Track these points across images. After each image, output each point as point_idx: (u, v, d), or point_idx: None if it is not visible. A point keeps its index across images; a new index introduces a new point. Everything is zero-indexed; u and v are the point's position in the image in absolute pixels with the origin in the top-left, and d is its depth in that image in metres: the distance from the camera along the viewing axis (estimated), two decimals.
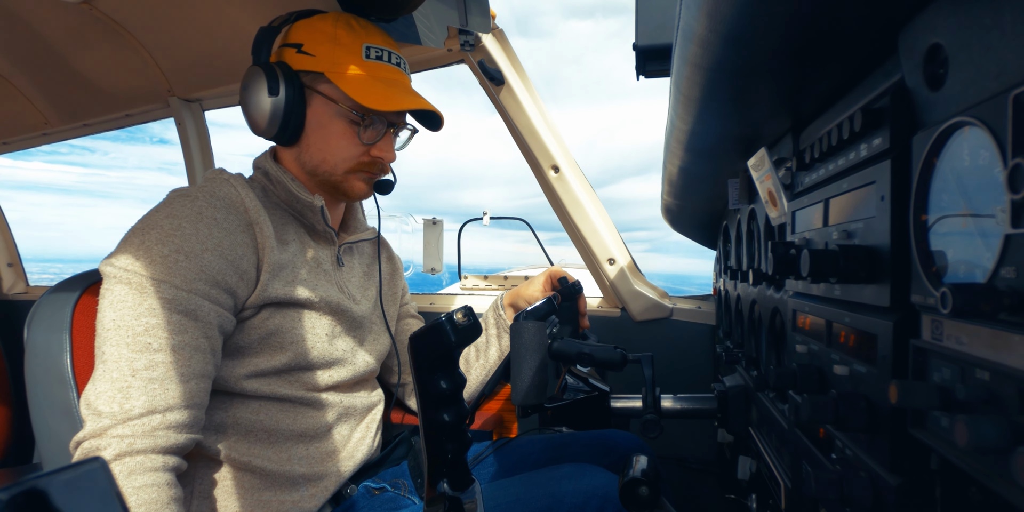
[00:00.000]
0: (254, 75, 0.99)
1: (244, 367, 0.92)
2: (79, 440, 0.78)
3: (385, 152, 1.05)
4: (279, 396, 0.95)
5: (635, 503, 0.74)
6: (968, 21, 0.36)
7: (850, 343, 0.50)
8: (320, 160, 1.03)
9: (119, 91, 2.04)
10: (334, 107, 1.01)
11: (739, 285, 1.13)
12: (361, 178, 1.06)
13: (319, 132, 1.02)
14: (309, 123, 1.02)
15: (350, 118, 1.01)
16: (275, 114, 0.98)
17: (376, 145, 1.04)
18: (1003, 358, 0.31)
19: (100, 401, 0.78)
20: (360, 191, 1.07)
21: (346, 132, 1.02)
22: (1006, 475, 0.29)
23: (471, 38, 1.44)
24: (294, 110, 0.99)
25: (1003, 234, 0.31)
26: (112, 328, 0.80)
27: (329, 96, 1.00)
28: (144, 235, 0.84)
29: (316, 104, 1.01)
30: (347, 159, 1.03)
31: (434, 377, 0.48)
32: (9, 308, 2.71)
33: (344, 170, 1.04)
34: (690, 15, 0.52)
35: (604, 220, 1.68)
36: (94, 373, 0.80)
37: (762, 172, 0.78)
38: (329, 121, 1.01)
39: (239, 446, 0.92)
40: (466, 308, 0.50)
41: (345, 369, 1.04)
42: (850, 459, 0.50)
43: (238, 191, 0.95)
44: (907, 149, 0.43)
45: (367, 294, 1.16)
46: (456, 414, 0.48)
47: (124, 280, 0.81)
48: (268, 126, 1.00)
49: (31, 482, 0.22)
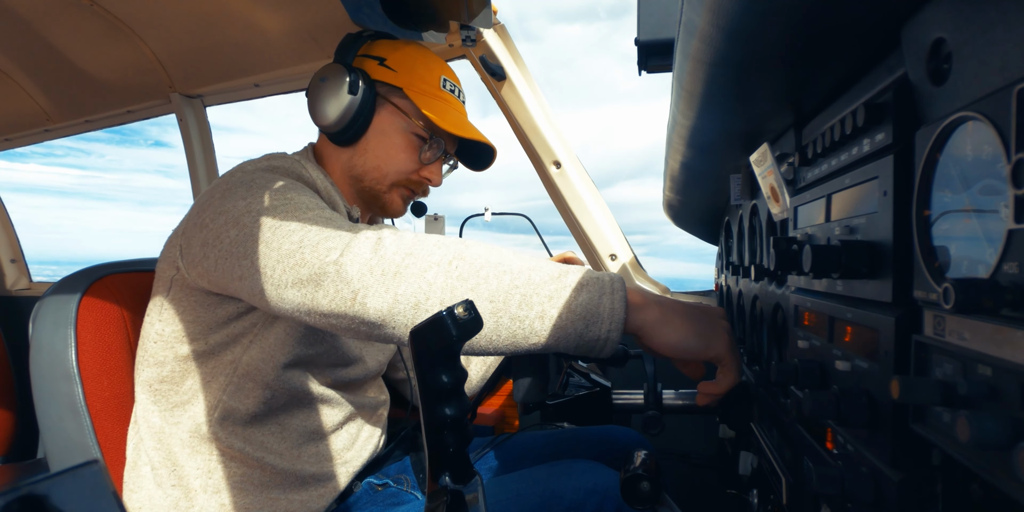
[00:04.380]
0: (336, 71, 1.04)
1: (286, 354, 0.92)
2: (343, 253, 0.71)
3: (434, 175, 1.10)
4: (300, 389, 0.95)
5: (636, 498, 0.74)
6: (972, 15, 0.36)
7: (852, 339, 0.50)
8: (373, 167, 1.07)
9: (121, 87, 2.04)
10: (403, 120, 1.06)
11: (741, 281, 1.13)
12: (402, 195, 1.11)
13: (380, 139, 1.06)
14: (373, 129, 1.06)
15: (416, 134, 1.06)
16: (347, 111, 1.02)
17: (428, 167, 1.09)
18: (1005, 353, 0.31)
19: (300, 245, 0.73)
20: (397, 207, 1.11)
21: (408, 146, 1.07)
22: (1008, 471, 0.29)
23: (472, 33, 1.44)
24: (363, 112, 1.03)
25: (1006, 229, 0.31)
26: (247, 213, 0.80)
27: (401, 109, 1.06)
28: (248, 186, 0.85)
29: (385, 114, 1.06)
30: (400, 171, 1.07)
31: (435, 371, 0.48)
32: (13, 304, 2.72)
33: (391, 182, 1.08)
34: (692, 10, 0.52)
35: (606, 216, 1.68)
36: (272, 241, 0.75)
37: (764, 167, 0.78)
38: (394, 132, 1.06)
39: (253, 440, 0.93)
40: (467, 302, 0.50)
41: (359, 367, 1.05)
42: (851, 454, 0.50)
43: (310, 172, 0.98)
44: (910, 144, 0.42)
45: None
46: (458, 408, 0.48)
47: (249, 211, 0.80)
48: (335, 121, 1.03)
49: (28, 487, 0.22)
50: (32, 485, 0.23)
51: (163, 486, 0.91)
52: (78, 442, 0.90)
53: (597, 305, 0.67)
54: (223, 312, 0.91)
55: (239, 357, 0.91)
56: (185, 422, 0.92)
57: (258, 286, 0.76)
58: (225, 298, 0.90)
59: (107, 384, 0.96)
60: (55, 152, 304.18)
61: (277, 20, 1.59)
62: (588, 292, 0.68)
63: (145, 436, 0.94)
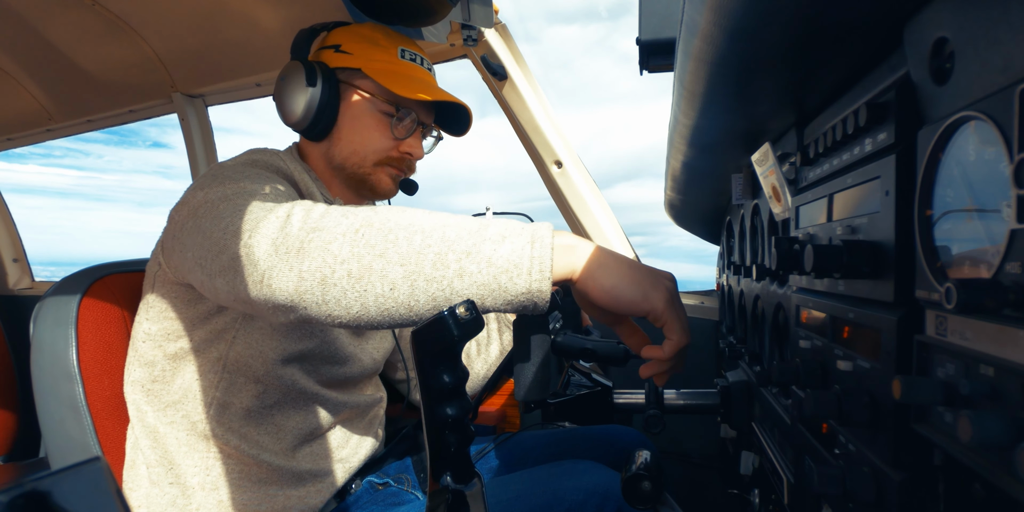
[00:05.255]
0: (292, 68, 1.03)
1: (274, 350, 0.92)
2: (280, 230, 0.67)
3: (414, 148, 1.08)
4: (293, 386, 0.95)
5: (638, 498, 0.74)
6: (974, 14, 0.36)
7: (854, 338, 0.50)
8: (350, 152, 1.06)
9: (122, 87, 2.04)
10: (368, 101, 1.05)
11: (742, 280, 1.13)
12: (389, 173, 1.09)
13: (351, 124, 1.05)
14: (342, 117, 1.05)
15: (383, 111, 1.05)
16: (310, 105, 1.02)
17: (406, 141, 1.07)
18: (1007, 353, 0.31)
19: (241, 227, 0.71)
20: (386, 186, 1.09)
21: (379, 125, 1.06)
22: (1009, 471, 0.29)
23: (473, 33, 1.44)
24: (329, 103, 1.03)
25: (1009, 229, 0.31)
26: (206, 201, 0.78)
27: (364, 90, 1.05)
28: (214, 180, 0.84)
29: (350, 99, 1.05)
30: (377, 151, 1.06)
31: (436, 371, 0.48)
32: (15, 303, 2.72)
33: (373, 162, 1.06)
34: (694, 9, 0.52)
35: (607, 215, 1.68)
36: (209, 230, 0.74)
37: (766, 167, 0.78)
38: (362, 114, 1.05)
39: (249, 437, 0.93)
40: (468, 302, 0.50)
41: (355, 366, 1.05)
42: (853, 454, 0.50)
43: (289, 165, 0.99)
44: (912, 144, 0.42)
45: None
46: (459, 408, 0.48)
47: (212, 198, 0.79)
48: (302, 117, 1.03)
49: (31, 484, 0.22)
50: (35, 482, 0.23)
51: (160, 484, 0.92)
52: (79, 441, 0.91)
53: (519, 255, 0.62)
54: (203, 308, 0.91)
55: (225, 353, 0.91)
56: (180, 421, 0.92)
57: (197, 278, 0.74)
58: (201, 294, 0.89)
59: (108, 383, 0.96)
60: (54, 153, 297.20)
61: (279, 19, 1.59)
62: (510, 243, 0.63)
63: (141, 435, 0.94)
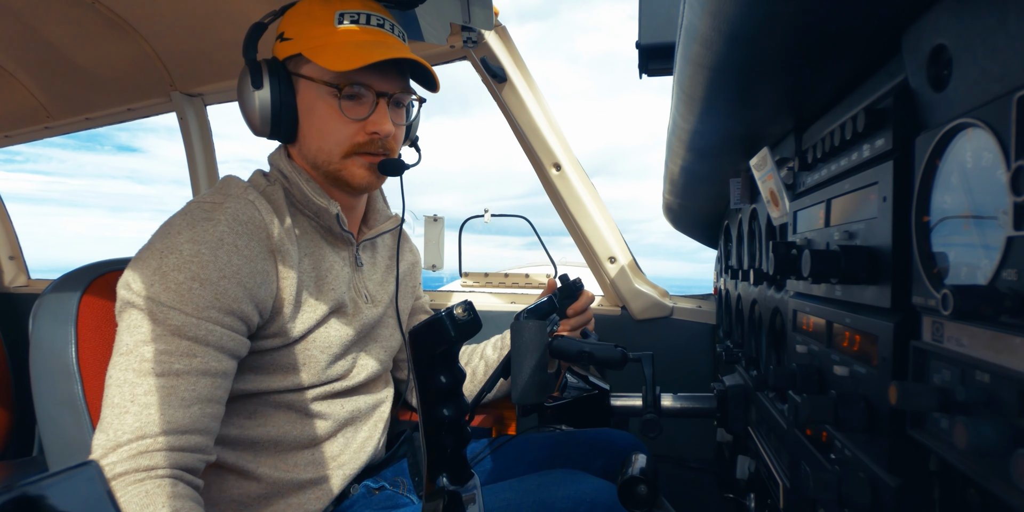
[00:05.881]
0: (242, 73, 0.95)
1: (257, 385, 0.91)
2: None
3: (377, 124, 0.95)
4: (288, 407, 0.95)
5: (634, 502, 0.74)
6: (973, 22, 0.36)
7: (851, 344, 0.50)
8: (316, 149, 0.96)
9: (121, 85, 2.04)
10: (315, 87, 0.94)
11: (740, 285, 1.13)
12: (360, 164, 0.97)
13: (309, 119, 0.96)
14: (300, 112, 0.96)
15: (331, 94, 0.93)
16: (263, 108, 0.93)
17: (369, 120, 0.95)
18: (1003, 360, 0.31)
19: (99, 428, 0.77)
20: (361, 178, 0.98)
21: (333, 112, 0.94)
22: (1005, 477, 0.29)
23: (474, 35, 1.44)
24: (283, 102, 0.94)
25: (1005, 236, 0.31)
26: (123, 353, 0.79)
27: (309, 76, 0.94)
28: (162, 259, 0.81)
29: (302, 90, 0.95)
30: (340, 141, 0.95)
31: (434, 372, 0.48)
32: (11, 301, 2.71)
33: (340, 155, 0.96)
34: (693, 14, 0.52)
35: (605, 218, 1.68)
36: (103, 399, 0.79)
37: (764, 172, 0.78)
38: (314, 104, 0.95)
39: (245, 456, 0.92)
40: (466, 303, 0.50)
41: (357, 376, 1.03)
42: (849, 459, 0.50)
43: (262, 215, 0.90)
44: (910, 150, 0.42)
45: (385, 290, 1.13)
46: (456, 409, 0.48)
47: (138, 305, 0.80)
48: (261, 123, 0.95)
49: (24, 487, 0.22)
50: (28, 486, 0.22)
51: None
52: (77, 439, 0.90)
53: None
54: None
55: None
56: None
57: None
58: None
59: None
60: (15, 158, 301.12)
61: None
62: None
63: None
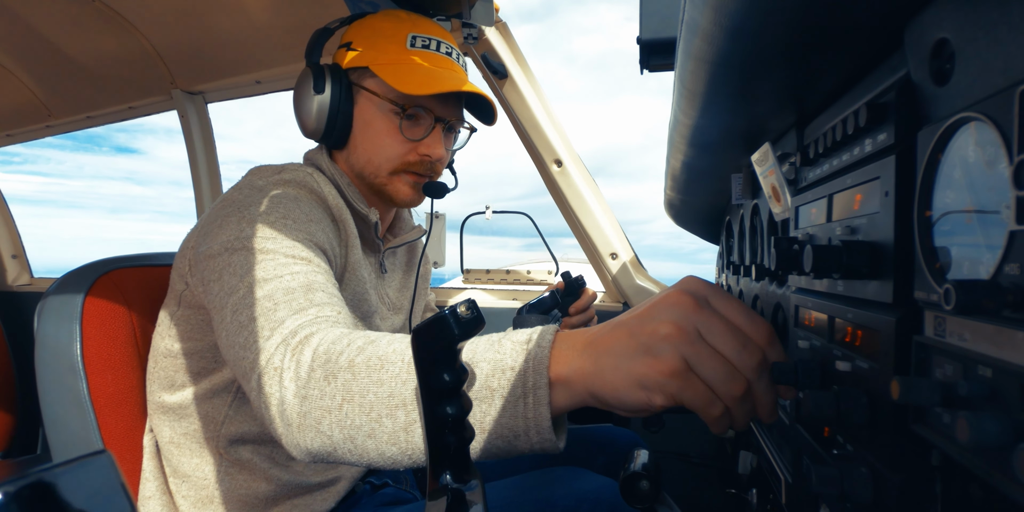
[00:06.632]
0: (303, 75, 0.98)
1: None
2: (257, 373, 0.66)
3: (431, 148, 0.99)
4: None
5: (636, 497, 0.75)
6: (975, 16, 0.36)
7: (852, 339, 0.50)
8: (366, 161, 1.00)
9: (122, 83, 2.04)
10: (378, 102, 0.98)
11: (741, 280, 1.13)
12: (407, 181, 1.01)
13: (365, 131, 0.99)
14: (356, 122, 0.99)
15: (393, 112, 0.98)
16: (320, 112, 0.96)
17: (423, 142, 0.99)
18: (1006, 355, 0.31)
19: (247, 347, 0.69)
20: (406, 196, 1.02)
21: (391, 129, 0.98)
22: (1008, 472, 0.29)
23: (474, 31, 1.44)
24: (340, 108, 0.97)
25: (1008, 231, 0.31)
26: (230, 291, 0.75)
27: (373, 91, 0.98)
28: (243, 212, 0.81)
29: (362, 102, 0.99)
30: (391, 158, 0.99)
31: (436, 370, 0.48)
32: (14, 299, 2.72)
33: (389, 170, 1.00)
34: (694, 8, 0.52)
35: (607, 214, 1.68)
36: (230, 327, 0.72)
37: (766, 167, 0.78)
38: (373, 118, 0.98)
39: (261, 452, 0.93)
40: (469, 301, 0.50)
41: None
42: (851, 455, 0.50)
43: (322, 187, 0.94)
44: (912, 145, 0.42)
45: (404, 296, 1.16)
46: (458, 407, 0.48)
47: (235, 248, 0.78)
48: (316, 125, 0.98)
49: (37, 474, 0.22)
50: (42, 473, 0.23)
51: (167, 493, 0.94)
52: (81, 437, 0.91)
53: (512, 416, 0.55)
54: None
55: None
56: (193, 434, 0.93)
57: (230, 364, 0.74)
58: None
59: (112, 379, 0.96)
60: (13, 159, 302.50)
61: (279, 16, 1.59)
62: (500, 400, 0.55)
63: (148, 445, 0.96)
